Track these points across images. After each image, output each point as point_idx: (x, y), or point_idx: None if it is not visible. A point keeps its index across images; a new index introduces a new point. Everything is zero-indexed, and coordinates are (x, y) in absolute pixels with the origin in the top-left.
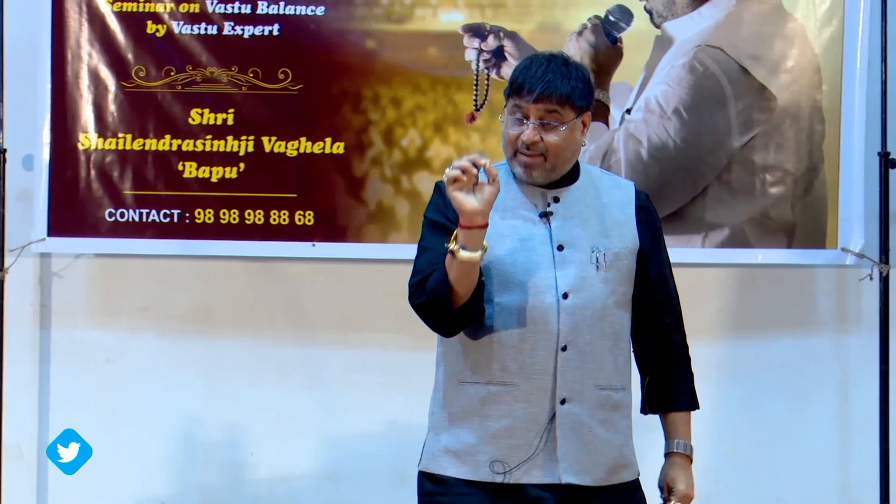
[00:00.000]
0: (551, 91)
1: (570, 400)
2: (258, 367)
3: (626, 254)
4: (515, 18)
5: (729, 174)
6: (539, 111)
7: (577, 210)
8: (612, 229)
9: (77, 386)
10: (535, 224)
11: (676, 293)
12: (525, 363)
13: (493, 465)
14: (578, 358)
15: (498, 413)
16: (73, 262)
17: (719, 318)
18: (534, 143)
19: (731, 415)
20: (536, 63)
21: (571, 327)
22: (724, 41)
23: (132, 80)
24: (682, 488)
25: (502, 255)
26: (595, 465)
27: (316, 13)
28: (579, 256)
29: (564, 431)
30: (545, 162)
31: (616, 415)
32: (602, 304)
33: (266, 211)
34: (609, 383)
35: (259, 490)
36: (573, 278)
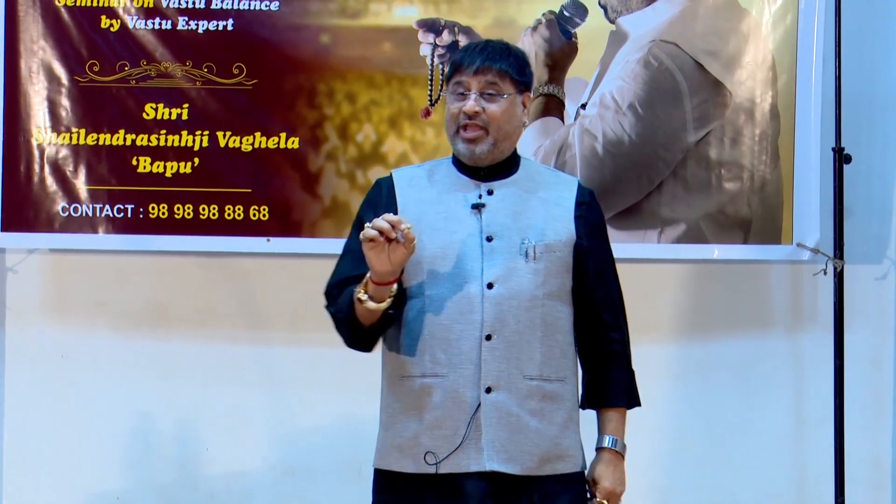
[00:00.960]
0: (490, 63)
1: (495, 388)
2: (213, 363)
3: (559, 246)
4: (470, 13)
5: (684, 170)
6: (480, 83)
7: (511, 202)
8: (547, 222)
9: (31, 381)
10: (467, 216)
11: (619, 291)
12: (452, 353)
13: (427, 456)
14: (504, 347)
15: (431, 405)
16: (27, 257)
17: (675, 314)
18: (475, 112)
19: (686, 410)
20: (476, 44)
21: (496, 317)
22: (679, 36)
23: (86, 75)
24: (607, 485)
25: (433, 248)
26: (524, 454)
27: (270, 8)
28: (508, 247)
29: (489, 420)
30: (487, 135)
31: (550, 405)
32: (530, 294)
33: (221, 206)
34: (539, 373)
35: (215, 485)
36: (499, 268)
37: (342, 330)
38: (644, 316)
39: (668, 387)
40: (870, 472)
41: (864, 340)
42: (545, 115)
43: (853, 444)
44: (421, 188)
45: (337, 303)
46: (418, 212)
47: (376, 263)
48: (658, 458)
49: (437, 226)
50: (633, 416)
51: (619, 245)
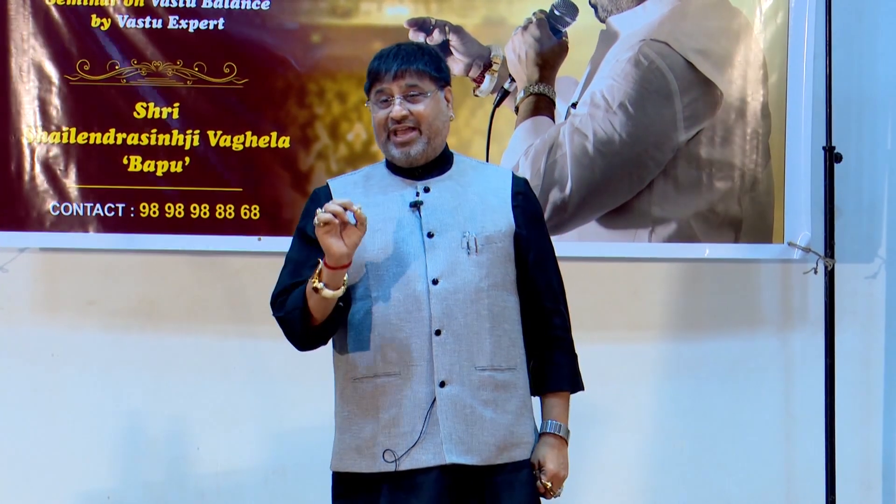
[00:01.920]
0: (407, 65)
1: (449, 382)
2: (203, 361)
3: (499, 237)
4: (460, 13)
5: (675, 169)
6: (401, 87)
7: (448, 197)
8: (485, 214)
9: (21, 380)
10: (406, 215)
11: (558, 278)
12: (403, 351)
13: (385, 454)
14: (454, 341)
15: (386, 403)
16: (18, 255)
17: (666, 313)
18: (403, 116)
19: (676, 409)
20: (386, 51)
21: (443, 311)
22: (669, 35)
23: (76, 74)
24: (552, 467)
25: (375, 250)
26: (482, 445)
27: (261, 7)
28: (449, 242)
29: (445, 413)
30: (420, 134)
31: (503, 395)
32: (475, 286)
33: (211, 205)
34: (490, 364)
35: (205, 484)
36: (443, 264)
37: (293, 329)
38: (635, 315)
39: (658, 386)
40: (860, 470)
41: (855, 339)
42: (535, 114)
43: (844, 442)
44: (359, 192)
45: (285, 305)
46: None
47: (333, 247)
48: (648, 456)
49: (377, 227)
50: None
51: (610, 244)
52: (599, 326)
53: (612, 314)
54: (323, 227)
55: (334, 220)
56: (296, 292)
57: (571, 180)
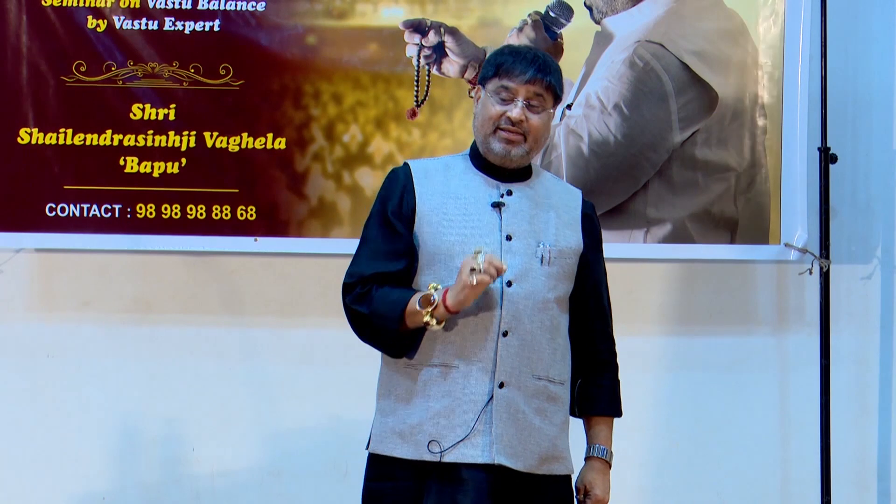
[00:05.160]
0: (542, 76)
1: (507, 384)
2: (199, 363)
3: (570, 253)
4: (456, 14)
5: (670, 170)
6: (528, 92)
7: (528, 205)
8: (559, 229)
9: (18, 381)
10: (487, 213)
11: (609, 304)
12: (466, 346)
13: (431, 444)
14: (518, 345)
15: (439, 393)
16: (14, 256)
17: (661, 314)
18: (520, 120)
19: (671, 410)
20: (524, 50)
21: (513, 314)
22: (664, 37)
23: (73, 75)
24: (599, 493)
25: (451, 239)
26: (527, 452)
27: (257, 9)
28: (525, 248)
29: (500, 414)
30: (525, 141)
31: (552, 406)
32: (543, 296)
33: (208, 206)
34: (546, 374)
35: (201, 485)
36: (518, 267)
37: (379, 337)
38: (630, 315)
39: (653, 386)
40: (856, 471)
41: (850, 340)
42: None
43: (839, 443)
44: (439, 180)
45: (372, 307)
46: (434, 204)
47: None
48: (643, 457)
49: (457, 219)
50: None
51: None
52: None
53: None
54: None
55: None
56: (388, 302)
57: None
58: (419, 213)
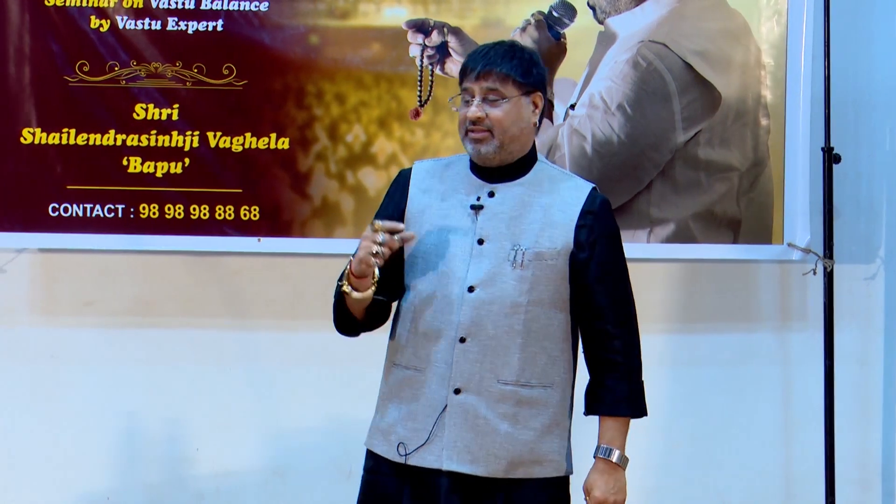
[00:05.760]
0: (491, 68)
1: (465, 390)
2: (202, 363)
3: (552, 254)
4: (459, 14)
5: (673, 170)
6: (482, 89)
7: (510, 206)
8: (544, 229)
9: (20, 381)
10: (465, 216)
11: (625, 300)
12: (430, 350)
13: (399, 446)
14: (479, 351)
15: (408, 396)
16: (17, 256)
17: (664, 313)
18: (478, 118)
19: (675, 409)
20: (482, 47)
21: (472, 320)
22: (667, 37)
23: (76, 75)
24: (598, 494)
25: (429, 244)
26: (490, 457)
27: (259, 9)
28: (497, 252)
29: (454, 420)
30: (492, 137)
31: (528, 411)
32: (512, 300)
33: (211, 206)
34: (516, 379)
35: (204, 485)
36: (483, 273)
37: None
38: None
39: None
40: (859, 470)
41: (854, 339)
42: None
43: (843, 442)
44: (432, 182)
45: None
46: (422, 205)
47: (364, 267)
48: (646, 456)
49: (436, 222)
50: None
51: None
52: None
53: None
54: (375, 257)
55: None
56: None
57: None
58: (407, 215)
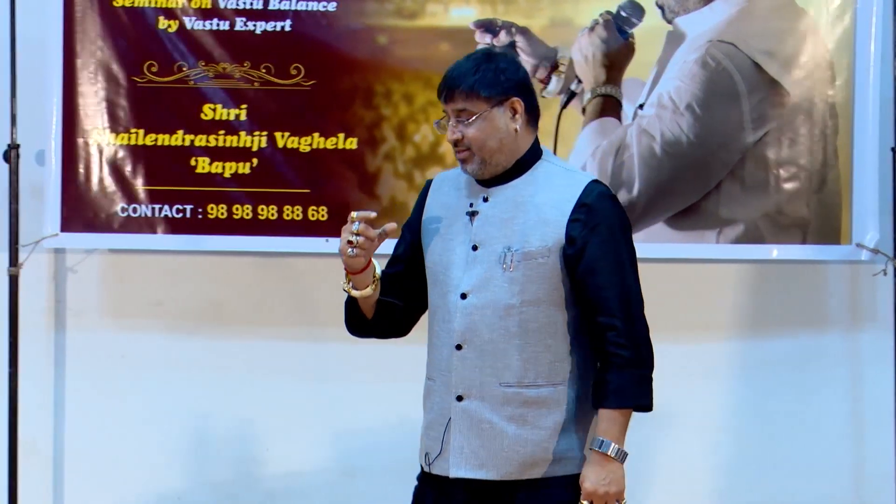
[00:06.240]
0: (453, 88)
1: (467, 396)
2: (271, 363)
3: (542, 252)
4: (527, 14)
5: (742, 170)
6: (453, 110)
7: (502, 209)
8: (535, 228)
9: (91, 381)
10: (463, 223)
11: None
12: (438, 360)
13: (425, 456)
14: (477, 356)
15: (429, 406)
16: (87, 257)
17: (733, 314)
18: (456, 140)
19: (744, 411)
20: (451, 66)
21: (467, 327)
22: (736, 36)
23: (144, 76)
24: (588, 485)
25: (434, 254)
26: (500, 460)
27: (328, 9)
28: (490, 257)
29: (459, 427)
30: (474, 154)
31: (535, 411)
32: (505, 303)
33: (279, 206)
34: (518, 380)
35: (274, 485)
36: (475, 279)
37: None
38: (702, 316)
39: (726, 386)
40: None
41: None
42: (602, 115)
43: None
44: (445, 192)
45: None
46: (434, 215)
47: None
48: (716, 457)
49: (441, 232)
50: (692, 416)
51: (677, 245)
52: (666, 328)
53: (679, 315)
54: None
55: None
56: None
57: (639, 182)
58: (422, 226)
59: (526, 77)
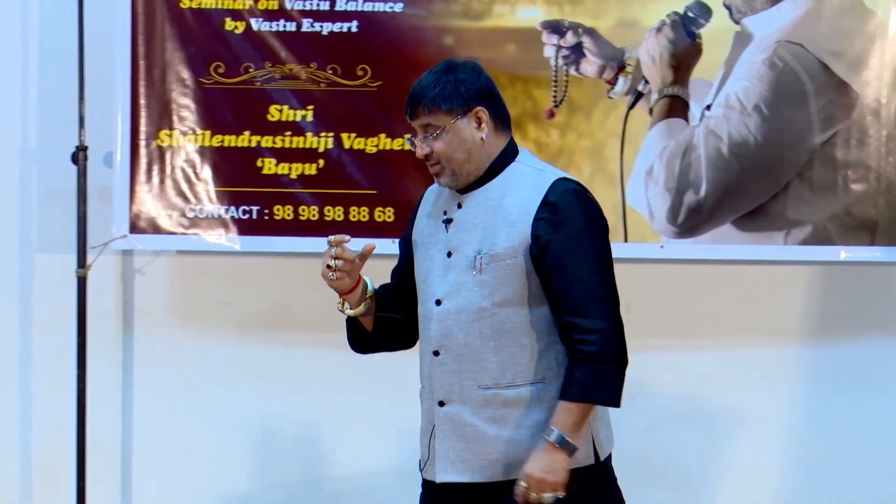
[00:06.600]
0: (416, 104)
1: (448, 401)
2: (337, 364)
3: (508, 253)
4: (594, 14)
5: (810, 171)
6: (419, 126)
7: (473, 215)
8: (501, 230)
9: (159, 383)
10: (441, 231)
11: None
12: (423, 367)
13: (420, 461)
14: (453, 361)
15: (421, 413)
16: (154, 259)
17: (801, 316)
18: (426, 155)
19: (811, 414)
20: (414, 83)
21: (442, 332)
22: (804, 37)
23: (210, 77)
24: (527, 468)
25: (418, 265)
26: (484, 463)
27: (394, 10)
28: (462, 262)
29: (444, 432)
30: (445, 168)
31: (517, 411)
32: (477, 306)
33: (345, 207)
34: (494, 382)
35: (342, 486)
36: (448, 285)
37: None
38: (770, 318)
39: (793, 390)
40: None
41: None
42: (669, 116)
43: None
44: (431, 202)
45: None
46: (420, 227)
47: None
48: (785, 461)
49: (424, 241)
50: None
51: (745, 247)
52: (733, 330)
53: (745, 318)
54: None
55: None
56: None
57: (706, 183)
58: (413, 238)
59: (488, 84)
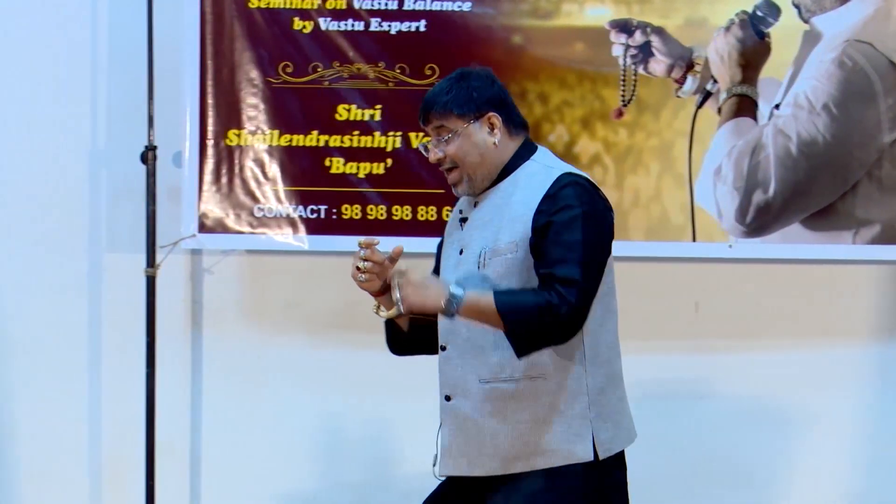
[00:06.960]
0: (428, 110)
1: (453, 396)
2: (404, 363)
3: (509, 248)
4: (662, 13)
5: (879, 170)
6: (432, 132)
7: (484, 213)
8: (507, 226)
9: (228, 382)
10: (458, 230)
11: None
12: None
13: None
14: (458, 356)
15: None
16: (223, 258)
17: (869, 316)
18: (439, 159)
19: (884, 415)
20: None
21: (448, 327)
22: (874, 36)
23: (279, 77)
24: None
25: (443, 264)
26: (483, 457)
27: (462, 9)
28: (470, 258)
29: (449, 427)
30: (460, 172)
31: (513, 405)
32: None
33: (413, 207)
34: (494, 376)
35: (411, 486)
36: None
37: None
38: (838, 318)
39: (863, 390)
40: None
41: None
42: (738, 115)
43: None
44: (458, 205)
45: None
46: (448, 230)
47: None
48: (853, 461)
49: (446, 241)
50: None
51: (813, 246)
52: (801, 330)
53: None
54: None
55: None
56: None
57: (775, 182)
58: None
59: (500, 92)
